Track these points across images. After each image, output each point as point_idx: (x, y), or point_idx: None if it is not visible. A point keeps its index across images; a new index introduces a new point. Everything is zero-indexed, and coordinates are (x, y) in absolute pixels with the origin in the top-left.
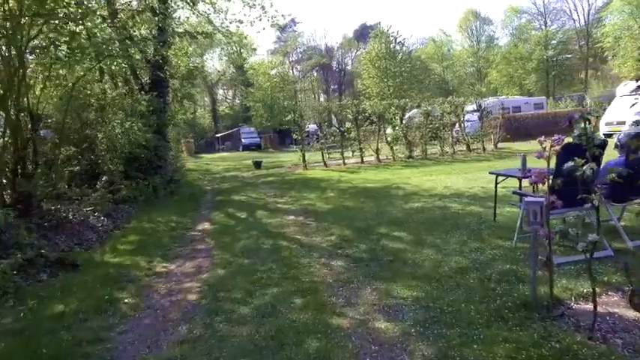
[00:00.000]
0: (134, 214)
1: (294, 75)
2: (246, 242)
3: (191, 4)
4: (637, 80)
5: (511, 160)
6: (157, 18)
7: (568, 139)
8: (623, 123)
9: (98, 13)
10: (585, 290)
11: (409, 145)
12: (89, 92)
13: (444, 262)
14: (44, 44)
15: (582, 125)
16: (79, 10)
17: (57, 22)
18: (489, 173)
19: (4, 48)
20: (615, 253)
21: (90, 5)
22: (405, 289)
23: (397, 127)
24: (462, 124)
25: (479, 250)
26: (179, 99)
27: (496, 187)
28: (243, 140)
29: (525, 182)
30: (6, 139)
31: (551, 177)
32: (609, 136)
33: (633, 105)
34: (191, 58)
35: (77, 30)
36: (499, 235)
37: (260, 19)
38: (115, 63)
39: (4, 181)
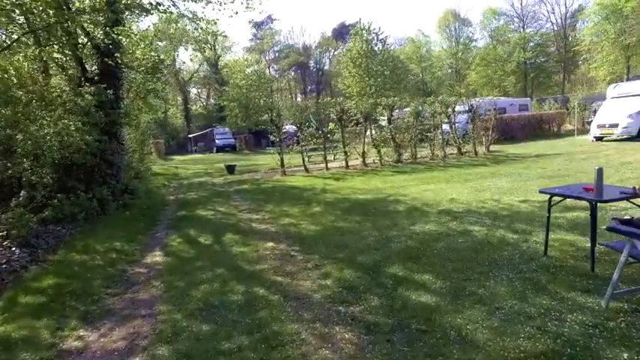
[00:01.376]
0: (67, 239)
1: (271, 74)
2: (207, 289)
3: None
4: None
5: (509, 165)
6: None
7: None
8: (616, 126)
9: None
10: None
11: (397, 147)
12: (15, 82)
13: (510, 338)
14: None
15: None
16: None
17: None
18: (540, 192)
19: None
20: None
21: None
22: None
23: (385, 128)
24: (454, 126)
25: (553, 314)
26: (142, 95)
27: (549, 210)
28: (217, 141)
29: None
30: None
31: None
32: (600, 139)
33: None
34: (159, 53)
35: None
36: (568, 284)
37: (232, 1)
38: (57, 48)
39: None
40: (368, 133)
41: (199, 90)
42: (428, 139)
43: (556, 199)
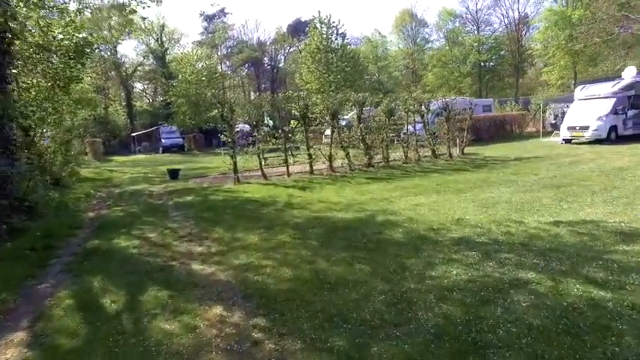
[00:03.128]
0: None
1: (223, 70)
2: None
3: None
4: None
5: (493, 170)
6: None
7: None
8: (587, 128)
9: None
10: None
11: (368, 150)
12: None
13: None
14: None
15: None
16: None
17: None
18: None
19: None
20: None
21: None
22: None
23: (354, 128)
24: (427, 126)
25: None
26: (63, 84)
27: None
28: (163, 141)
29: None
30: None
31: None
32: (569, 141)
33: None
34: (83, 33)
35: None
36: None
37: None
38: None
39: None
40: (336, 133)
41: (145, 85)
42: (400, 140)
43: None
